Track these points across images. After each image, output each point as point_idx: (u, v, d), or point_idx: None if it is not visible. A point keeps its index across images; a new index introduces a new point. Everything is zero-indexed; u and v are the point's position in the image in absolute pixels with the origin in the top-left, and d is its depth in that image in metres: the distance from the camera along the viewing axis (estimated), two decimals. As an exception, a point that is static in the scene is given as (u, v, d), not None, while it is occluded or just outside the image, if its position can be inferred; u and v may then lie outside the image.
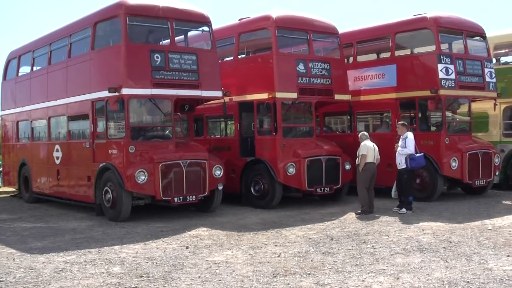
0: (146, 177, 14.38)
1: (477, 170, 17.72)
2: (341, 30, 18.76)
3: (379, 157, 15.70)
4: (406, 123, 16.41)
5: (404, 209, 15.44)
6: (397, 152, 15.66)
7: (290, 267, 9.65)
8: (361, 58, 20.59)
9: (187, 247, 11.42)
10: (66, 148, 17.44)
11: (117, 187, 14.62)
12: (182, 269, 9.65)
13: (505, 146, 20.12)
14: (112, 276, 9.25)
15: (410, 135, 15.64)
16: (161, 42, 16.89)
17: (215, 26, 16.82)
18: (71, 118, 17.30)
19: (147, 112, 16.04)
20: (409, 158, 15.43)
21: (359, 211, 15.34)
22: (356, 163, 15.71)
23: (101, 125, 15.77)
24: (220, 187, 15.78)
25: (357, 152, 15.64)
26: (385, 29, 19.59)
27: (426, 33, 18.14)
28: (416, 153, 15.55)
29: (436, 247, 11.04)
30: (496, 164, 18.39)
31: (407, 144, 15.43)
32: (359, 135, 16.00)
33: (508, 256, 10.21)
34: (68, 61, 17.33)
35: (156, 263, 10.12)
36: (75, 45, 17.26)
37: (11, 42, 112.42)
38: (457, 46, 19.00)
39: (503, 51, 21.95)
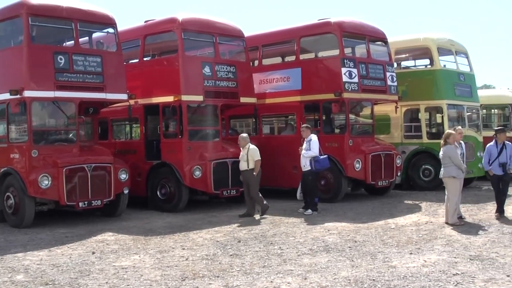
0: (49, 182, 14.06)
1: (379, 171, 18.20)
2: (247, 33, 18.86)
3: None
4: (310, 126, 16.64)
5: (309, 210, 15.67)
6: (301, 155, 15.87)
7: (199, 270, 9.65)
8: (266, 62, 20.77)
9: (93, 253, 11.23)
10: (-35, 152, 16.78)
11: (20, 192, 14.23)
12: (88, 275, 9.48)
13: (406, 147, 20.77)
14: (16, 285, 8.99)
15: (314, 137, 15.89)
16: (64, 44, 16.53)
17: (121, 27, 16.61)
18: (-30, 121, 16.68)
19: (50, 115, 15.62)
20: (314, 160, 15.67)
21: (245, 214, 15.45)
22: (245, 167, 15.53)
23: (1, 129, 15.30)
24: (126, 191, 15.60)
25: (246, 156, 15.47)
26: (290, 33, 19.85)
27: (330, 37, 18.52)
28: (321, 155, 15.82)
29: (341, 246, 11.27)
30: (398, 165, 18.95)
31: (311, 147, 15.66)
32: (240, 138, 15.86)
33: (411, 253, 10.52)
34: (-34, 62, 16.68)
35: (62, 269, 9.90)
36: (-26, 46, 16.68)
37: None
38: (360, 50, 19.46)
39: (404, 55, 22.68)
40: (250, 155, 15.40)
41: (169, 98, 16.74)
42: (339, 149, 17.99)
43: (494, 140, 14.67)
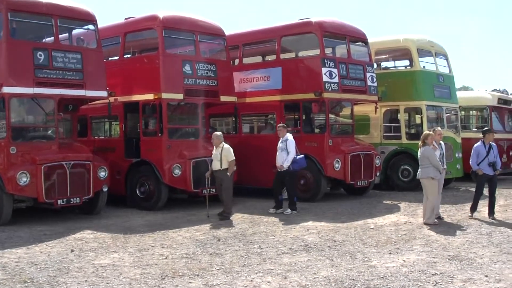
0: (28, 179, 13.93)
1: (359, 171, 18.25)
2: (227, 32, 18.83)
3: None
4: (286, 125, 16.65)
5: (289, 210, 15.67)
6: (278, 154, 15.83)
7: (178, 268, 9.63)
8: (247, 60, 20.76)
9: (72, 251, 11.16)
10: None
11: (-3, 189, 14.10)
12: (67, 273, 9.43)
13: (386, 147, 20.87)
14: (-6, 282, 8.93)
15: (290, 137, 15.92)
16: (44, 40, 16.40)
17: (101, 24, 16.52)
18: None
19: (29, 111, 15.53)
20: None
21: (223, 214, 15.06)
22: (218, 167, 15.17)
23: (-20, 125, 15.14)
24: (105, 189, 15.52)
25: (220, 156, 15.10)
26: (271, 32, 19.88)
27: (311, 37, 18.56)
28: (297, 155, 15.83)
29: (321, 246, 11.30)
30: (377, 165, 19.03)
31: (288, 147, 15.66)
32: (214, 136, 15.46)
33: (390, 253, 10.58)
34: None
35: (40, 267, 9.83)
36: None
37: None
38: (341, 50, 19.51)
39: (384, 56, 22.77)
40: (224, 155, 15.10)
41: (149, 96, 16.68)
42: (318, 148, 18.03)
43: (481, 141, 14.75)
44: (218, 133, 15.71)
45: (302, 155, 16.05)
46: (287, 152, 15.75)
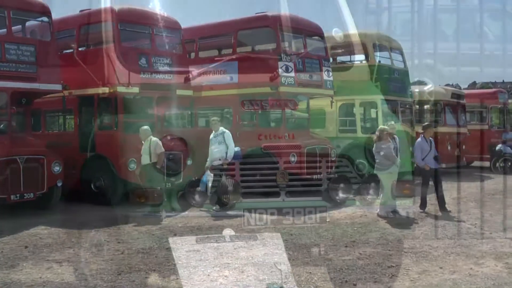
0: (-20, 174, 13.70)
1: (314, 165, 18.24)
2: (183, 25, 18.71)
3: None
4: (219, 119, 16.65)
5: (218, 206, 15.49)
6: (214, 148, 15.64)
7: (135, 264, 9.58)
8: (203, 54, 20.67)
9: (26, 247, 11.00)
10: None
11: None
12: (22, 270, 9.30)
13: (341, 141, 20.96)
14: None
15: (226, 130, 15.80)
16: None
17: (55, 16, 16.28)
18: None
19: (-19, 105, 15.28)
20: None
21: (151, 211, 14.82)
22: (147, 161, 15.04)
23: None
24: (59, 184, 15.31)
25: (148, 149, 14.98)
26: (227, 26, 19.82)
27: (267, 31, 18.57)
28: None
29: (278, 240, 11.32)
30: (333, 159, 19.06)
31: (227, 140, 15.47)
32: (141, 130, 15.28)
33: (346, 246, 10.69)
34: None
35: (-7, 264, 9.68)
36: None
37: None
38: (297, 44, 19.54)
39: (340, 51, 22.86)
40: (152, 148, 14.96)
41: (104, 90, 16.48)
42: (274, 142, 18.03)
43: (422, 136, 14.93)
44: (145, 127, 15.41)
45: (237, 148, 15.94)
46: (225, 145, 15.62)
